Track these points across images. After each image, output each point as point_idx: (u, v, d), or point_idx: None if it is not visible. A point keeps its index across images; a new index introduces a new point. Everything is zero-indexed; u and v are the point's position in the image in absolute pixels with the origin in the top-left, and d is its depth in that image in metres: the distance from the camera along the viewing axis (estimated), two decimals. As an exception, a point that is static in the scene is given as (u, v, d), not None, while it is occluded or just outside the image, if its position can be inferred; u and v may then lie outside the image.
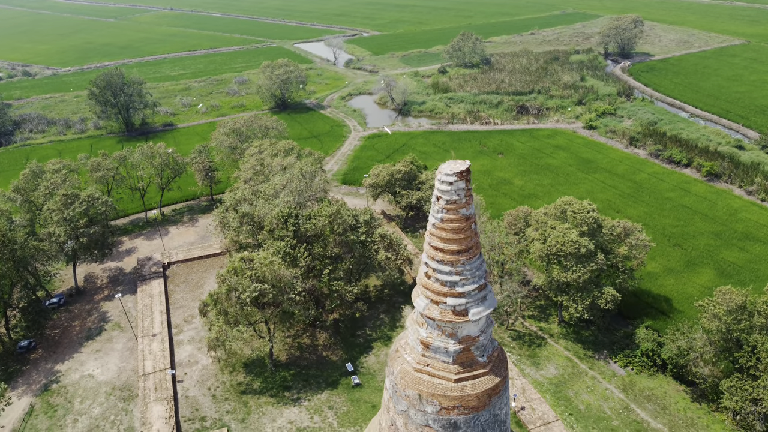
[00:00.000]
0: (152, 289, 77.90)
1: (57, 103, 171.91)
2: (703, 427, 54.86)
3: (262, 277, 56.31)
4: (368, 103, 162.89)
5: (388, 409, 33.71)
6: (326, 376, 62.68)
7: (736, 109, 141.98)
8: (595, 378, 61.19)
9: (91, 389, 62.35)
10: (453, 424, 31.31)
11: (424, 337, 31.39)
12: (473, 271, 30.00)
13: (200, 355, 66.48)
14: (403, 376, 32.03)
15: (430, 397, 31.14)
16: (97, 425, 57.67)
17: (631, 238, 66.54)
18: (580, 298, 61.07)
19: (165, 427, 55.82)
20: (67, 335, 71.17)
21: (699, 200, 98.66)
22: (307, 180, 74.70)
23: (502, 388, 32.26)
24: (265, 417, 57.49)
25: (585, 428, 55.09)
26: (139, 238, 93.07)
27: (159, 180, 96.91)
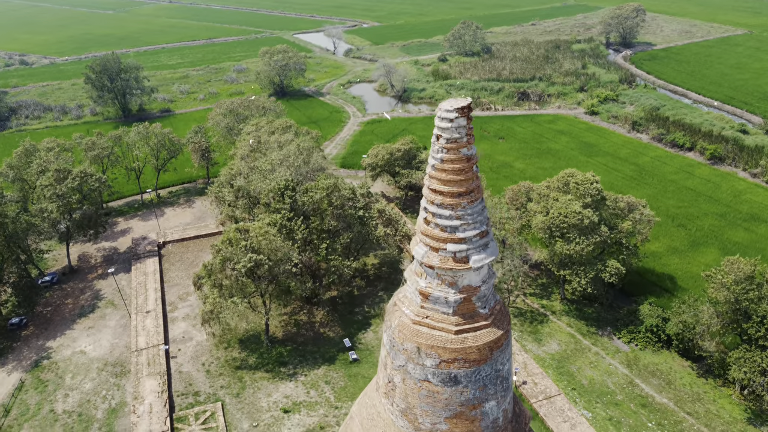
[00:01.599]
0: (147, 267, 76.48)
1: (54, 90, 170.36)
2: (709, 401, 53.48)
3: (258, 248, 54.87)
4: (368, 90, 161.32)
5: (386, 365, 32.24)
6: (323, 352, 61.28)
7: (739, 95, 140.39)
8: (599, 354, 59.79)
9: (83, 365, 60.95)
10: (453, 378, 29.84)
11: (422, 287, 29.90)
12: (474, 216, 28.51)
13: (195, 331, 65.07)
14: (401, 329, 30.56)
15: (429, 350, 29.67)
16: (88, 400, 56.29)
17: (635, 213, 65.08)
18: (584, 272, 59.62)
19: (157, 401, 54.43)
20: (59, 313, 69.76)
21: (703, 182, 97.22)
22: (304, 156, 73.21)
23: (505, 342, 30.80)
24: (261, 392, 56.09)
25: (588, 402, 53.70)
26: (134, 219, 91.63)
27: (155, 161, 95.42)
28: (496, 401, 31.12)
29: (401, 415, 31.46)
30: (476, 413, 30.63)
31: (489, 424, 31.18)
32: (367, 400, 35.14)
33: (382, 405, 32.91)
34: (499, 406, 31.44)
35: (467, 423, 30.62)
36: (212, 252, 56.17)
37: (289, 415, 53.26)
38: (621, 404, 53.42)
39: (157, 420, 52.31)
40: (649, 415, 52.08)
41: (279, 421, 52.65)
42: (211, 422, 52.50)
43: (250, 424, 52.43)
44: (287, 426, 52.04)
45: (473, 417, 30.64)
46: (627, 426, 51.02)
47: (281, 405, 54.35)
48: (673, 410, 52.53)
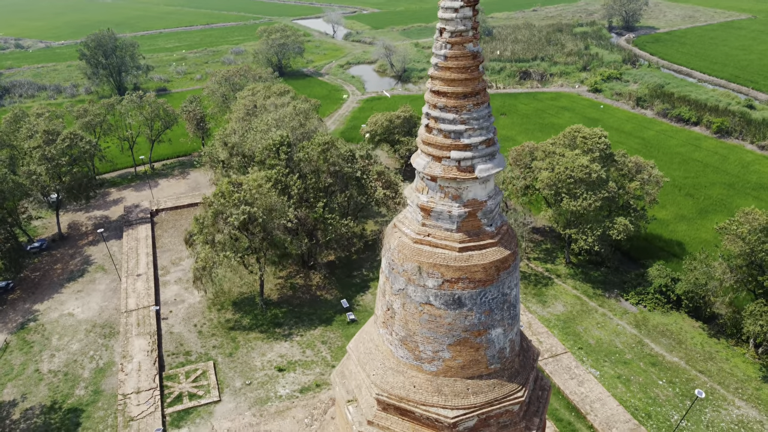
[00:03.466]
0: (138, 233, 74.25)
1: (49, 72, 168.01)
2: (722, 360, 51.29)
3: (252, 201, 52.58)
4: (367, 71, 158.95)
5: (384, 292, 30.00)
6: (320, 313, 59.07)
7: (745, 74, 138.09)
8: (606, 315, 57.59)
9: (71, 327, 58.73)
10: (457, 300, 27.61)
11: (424, 202, 27.64)
12: (480, 121, 26.25)
13: (187, 294, 62.83)
14: (401, 249, 28.32)
15: (431, 269, 27.42)
16: (74, 360, 54.06)
17: (643, 174, 62.82)
18: (590, 229, 57.34)
19: (146, 360, 52.22)
20: (47, 277, 67.51)
21: (710, 154, 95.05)
22: (300, 118, 70.87)
23: (512, 264, 28.55)
24: (255, 351, 53.89)
25: (596, 361, 51.50)
26: (127, 189, 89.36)
27: (149, 131, 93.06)
28: (503, 329, 28.90)
29: (401, 345, 29.23)
30: (481, 340, 28.41)
31: (495, 353, 28.96)
32: (364, 335, 32.93)
33: (380, 336, 30.71)
34: (506, 334, 29.21)
35: (471, 351, 28.40)
36: (204, 205, 53.86)
37: (283, 373, 51.07)
38: (630, 363, 51.23)
39: (145, 378, 50.10)
40: (659, 373, 49.90)
41: (273, 379, 50.45)
42: (202, 380, 50.31)
43: (243, 382, 50.24)
44: (282, 384, 49.85)
45: (478, 344, 28.42)
46: (637, 383, 48.83)
47: (276, 364, 52.15)
48: (684, 369, 50.35)
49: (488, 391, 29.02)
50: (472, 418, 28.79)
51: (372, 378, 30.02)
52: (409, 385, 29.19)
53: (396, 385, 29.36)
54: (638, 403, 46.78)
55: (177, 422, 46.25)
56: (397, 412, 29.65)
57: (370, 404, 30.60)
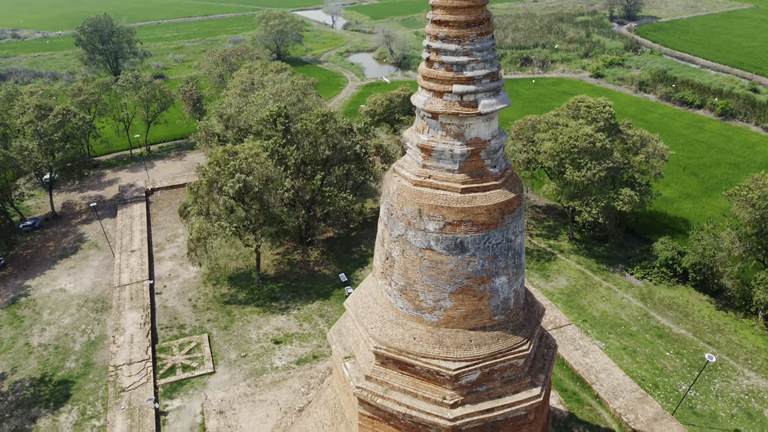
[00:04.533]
0: (133, 211, 72.86)
1: (45, 60, 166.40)
2: (730, 332, 49.90)
3: (247, 170, 51.16)
4: (366, 58, 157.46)
5: (383, 241, 28.63)
6: (318, 288, 57.69)
7: (748, 60, 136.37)
8: (610, 289, 56.21)
9: (62, 302, 57.34)
10: (459, 244, 26.22)
11: (424, 141, 26.25)
12: (484, 53, 24.87)
13: (182, 270, 61.44)
14: (400, 193, 26.94)
15: (432, 211, 26.04)
16: (65, 334, 52.67)
17: (648, 147, 61.36)
18: (595, 201, 55.91)
19: (139, 332, 50.84)
20: (39, 254, 66.10)
21: (714, 136, 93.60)
22: (299, 93, 69.45)
23: (517, 209, 27.17)
24: (250, 324, 52.51)
25: (601, 333, 50.12)
26: (122, 171, 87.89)
27: (145, 113, 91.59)
28: (507, 278, 27.51)
29: (400, 295, 27.85)
30: (484, 289, 27.03)
31: (499, 303, 27.57)
32: (362, 291, 31.58)
33: (379, 288, 29.32)
34: (511, 284, 27.83)
35: (474, 300, 27.02)
36: (198, 174, 52.46)
37: (280, 345, 49.70)
38: (636, 335, 49.86)
39: (138, 350, 48.73)
40: (666, 345, 48.52)
41: (269, 351, 49.08)
42: (196, 352, 48.92)
43: (238, 354, 48.86)
44: (278, 356, 48.48)
45: (481, 293, 27.04)
46: (643, 355, 47.45)
47: (272, 336, 50.78)
48: (692, 340, 48.96)
49: (492, 343, 27.66)
50: (474, 371, 27.43)
51: (370, 331, 28.66)
52: (408, 337, 27.83)
53: (395, 337, 28.00)
54: (645, 373, 45.41)
55: (170, 393, 44.89)
56: (396, 366, 28.29)
57: (368, 359, 29.25)
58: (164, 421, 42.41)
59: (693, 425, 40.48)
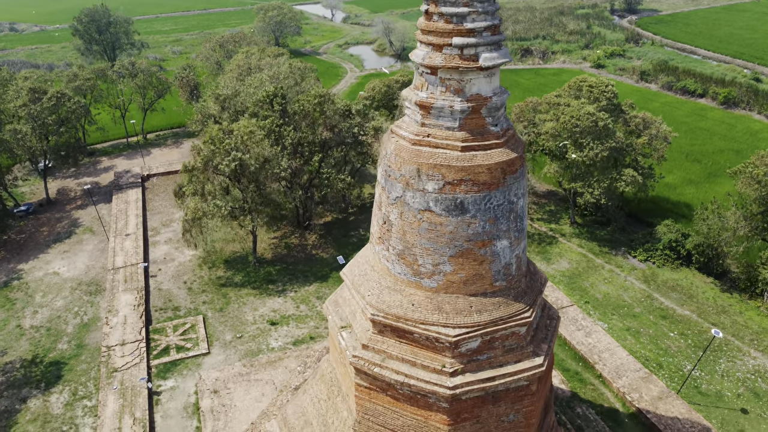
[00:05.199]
0: (129, 196, 71.88)
1: (43, 52, 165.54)
2: (735, 313, 48.96)
3: (243, 149, 50.17)
4: (366, 50, 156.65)
5: (380, 205, 27.65)
6: (315, 271, 56.73)
7: (750, 51, 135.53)
8: (613, 271, 55.26)
9: (55, 285, 56.37)
10: (459, 204, 25.24)
11: (423, 98, 25.25)
12: (485, 3, 23.86)
13: (177, 253, 60.48)
14: (398, 153, 25.95)
15: (431, 170, 25.06)
16: (58, 316, 51.70)
17: (651, 129, 60.39)
18: (597, 182, 54.94)
19: (132, 313, 49.86)
20: (33, 239, 65.13)
21: (717, 123, 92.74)
22: (297, 76, 68.45)
23: (519, 169, 26.19)
24: (246, 306, 51.54)
25: (603, 314, 49.17)
26: (118, 158, 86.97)
27: (141, 100, 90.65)
28: (509, 242, 26.53)
29: (398, 260, 26.87)
30: (485, 252, 26.05)
31: (500, 268, 26.60)
32: (359, 259, 30.64)
33: (376, 255, 28.34)
34: (513, 249, 26.84)
35: (475, 264, 26.05)
36: (193, 153, 51.46)
37: (276, 327, 48.74)
38: (639, 316, 48.90)
39: (131, 330, 47.75)
40: (670, 326, 47.57)
41: (265, 332, 48.12)
42: (190, 333, 47.96)
43: (234, 335, 47.90)
44: (274, 337, 47.52)
45: (482, 257, 26.06)
46: (647, 335, 46.50)
47: (268, 318, 49.82)
48: (696, 321, 48.02)
49: (493, 309, 26.68)
50: (475, 339, 26.45)
51: (367, 299, 27.68)
52: (407, 303, 26.85)
53: (393, 303, 27.02)
54: (649, 354, 44.47)
55: (163, 374, 43.92)
56: (394, 334, 27.31)
57: (364, 328, 28.27)
58: (157, 401, 41.46)
59: (698, 404, 39.55)
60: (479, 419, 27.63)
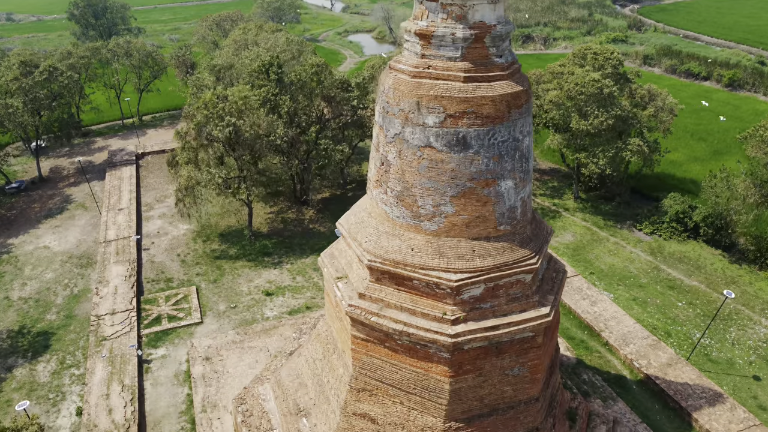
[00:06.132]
0: (122, 173, 70.42)
1: (39, 41, 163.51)
2: (745, 284, 47.49)
3: (238, 115, 48.66)
4: (365, 38, 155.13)
5: (378, 146, 26.17)
6: (312, 244, 55.24)
7: (754, 37, 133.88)
8: (618, 243, 53.79)
9: (45, 258, 54.93)
10: (461, 140, 23.75)
11: (423, 26, 23.77)
12: None
13: (171, 227, 59.04)
14: (397, 87, 24.47)
15: (431, 103, 23.57)
16: (47, 288, 50.27)
17: (657, 101, 58.87)
18: (602, 152, 53.41)
19: (124, 284, 48.39)
20: (24, 215, 63.67)
21: (722, 105, 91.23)
22: (294, 50, 66.92)
23: (525, 105, 24.69)
24: (241, 278, 50.08)
25: (609, 285, 47.70)
26: (113, 138, 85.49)
27: (137, 80, 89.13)
28: (514, 183, 25.03)
29: (397, 202, 25.38)
30: (489, 192, 24.57)
31: (505, 211, 25.09)
32: (356, 209, 29.19)
33: (374, 199, 26.85)
34: (518, 191, 25.35)
35: (478, 205, 24.55)
36: (186, 118, 49.92)
37: (272, 297, 47.29)
38: (646, 286, 47.44)
39: (122, 300, 46.29)
40: (678, 296, 46.11)
41: (260, 303, 46.66)
42: (183, 304, 46.50)
43: (228, 305, 46.45)
44: (269, 307, 46.07)
45: (485, 197, 24.57)
46: (654, 305, 45.03)
47: (263, 289, 48.35)
48: (705, 291, 46.56)
49: (497, 254, 25.20)
50: (478, 285, 24.96)
51: (364, 245, 26.21)
52: (406, 248, 25.37)
53: (391, 249, 25.54)
54: (656, 323, 43.00)
55: (154, 342, 42.48)
56: (392, 281, 25.83)
57: (361, 277, 26.81)
58: (147, 368, 40.02)
59: (709, 371, 38.09)
60: (482, 372, 26.16)
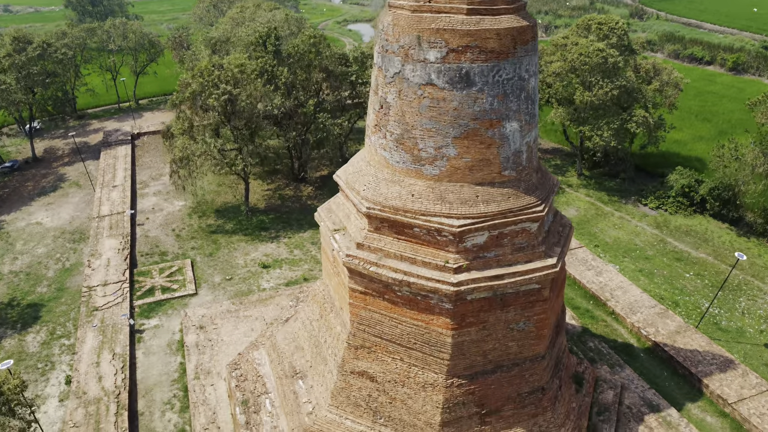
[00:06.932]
0: (117, 152, 69.21)
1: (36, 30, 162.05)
2: (754, 256, 46.32)
3: (234, 83, 47.44)
4: (365, 27, 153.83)
5: (377, 89, 24.97)
6: (311, 219, 53.71)
7: (757, 24, 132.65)
8: (623, 218, 52.63)
9: (37, 233, 53.74)
10: (464, 76, 22.54)
11: (424, -44, 22.57)
12: None
13: (166, 204, 57.86)
14: (396, 23, 23.25)
15: (432, 37, 22.36)
16: (39, 262, 49.06)
17: (662, 75, 57.67)
18: (606, 124, 52.19)
19: (116, 256, 47.19)
20: (17, 193, 62.47)
21: (726, 87, 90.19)
22: (293, 26, 65.70)
23: (531, 41, 23.50)
24: (237, 251, 48.90)
25: (615, 257, 46.53)
26: (109, 120, 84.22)
27: (133, 63, 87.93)
28: (519, 125, 23.84)
29: (397, 146, 24.18)
30: (493, 134, 23.37)
31: (509, 155, 23.91)
32: (353, 160, 28.06)
33: (372, 146, 25.67)
34: (523, 134, 24.16)
35: (482, 147, 23.37)
36: (180, 86, 48.68)
37: (268, 269, 46.11)
38: (652, 258, 46.26)
39: (114, 272, 45.09)
40: (685, 267, 44.93)
41: (257, 275, 45.48)
42: (177, 276, 45.29)
43: (223, 277, 45.24)
44: (266, 279, 44.89)
45: (489, 139, 23.38)
46: (661, 276, 43.85)
47: (260, 261, 47.16)
48: (713, 263, 45.38)
49: (501, 200, 24.02)
50: (481, 232, 23.78)
51: (363, 193, 25.04)
52: (406, 194, 24.20)
53: (391, 195, 24.36)
54: (664, 293, 41.83)
55: (147, 313, 41.29)
56: (392, 230, 24.64)
57: (359, 227, 25.63)
58: (140, 338, 38.82)
59: (719, 339, 36.89)
60: (486, 325, 24.98)
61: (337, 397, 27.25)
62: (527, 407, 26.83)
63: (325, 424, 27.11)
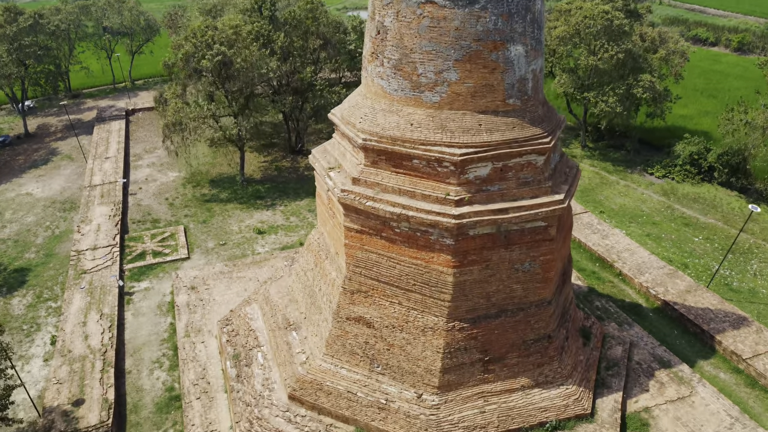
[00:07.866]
0: (111, 127, 67.78)
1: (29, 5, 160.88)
2: (765, 222, 44.87)
3: (228, 44, 45.99)
4: (365, 14, 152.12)
5: (373, 15, 23.55)
6: (308, 188, 52.60)
7: (761, 9, 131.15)
8: (629, 186, 51.23)
9: (27, 203, 52.34)
10: (467, -9, 21.12)
11: None
12: None
13: (160, 175, 56.46)
14: (394, -63, 21.84)
15: (433, -52, 20.95)
16: (27, 230, 47.65)
17: (668, 44, 56.21)
18: (612, 90, 50.73)
19: (107, 222, 45.78)
20: (8, 166, 61.01)
21: (731, 66, 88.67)
22: None
23: (539, -42, 22.08)
24: (232, 219, 47.49)
25: (621, 222, 45.12)
26: (104, 99, 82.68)
27: (129, 42, 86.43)
28: (525, 50, 22.38)
29: (395, 73, 22.73)
30: (497, 57, 21.91)
31: (514, 82, 22.46)
32: (351, 96, 26.68)
33: (369, 76, 24.24)
34: (528, 60, 22.70)
35: (485, 72, 21.92)
36: (173, 48, 47.26)
37: (263, 235, 44.71)
38: (660, 224, 44.85)
39: (104, 237, 43.69)
40: (694, 232, 43.54)
41: (251, 240, 44.08)
42: (169, 241, 43.88)
43: (217, 243, 43.84)
44: (261, 244, 43.50)
45: (493, 63, 21.91)
46: (669, 240, 42.45)
47: (255, 227, 45.75)
48: (722, 228, 43.98)
49: (505, 129, 22.59)
50: (484, 163, 22.37)
51: (359, 125, 23.61)
52: (405, 123, 22.77)
53: (388, 126, 22.94)
54: (672, 256, 40.44)
55: (137, 276, 39.89)
56: (389, 163, 23.22)
57: (355, 163, 24.19)
58: (129, 300, 37.43)
59: (731, 300, 35.46)
60: (489, 264, 23.58)
61: (332, 346, 25.87)
62: (532, 356, 25.44)
63: (319, 374, 25.72)
